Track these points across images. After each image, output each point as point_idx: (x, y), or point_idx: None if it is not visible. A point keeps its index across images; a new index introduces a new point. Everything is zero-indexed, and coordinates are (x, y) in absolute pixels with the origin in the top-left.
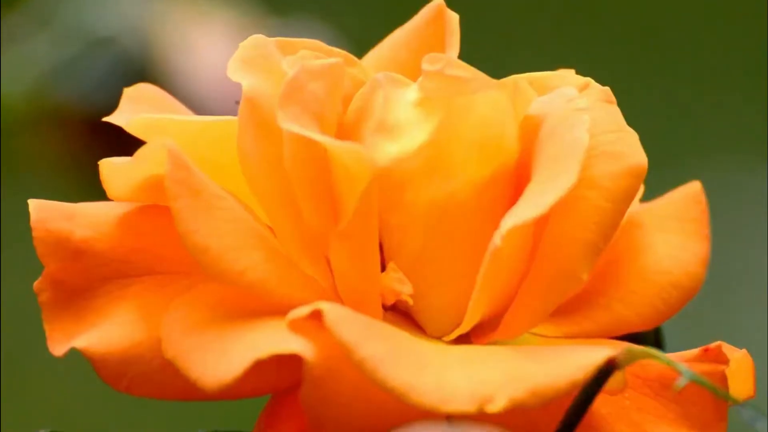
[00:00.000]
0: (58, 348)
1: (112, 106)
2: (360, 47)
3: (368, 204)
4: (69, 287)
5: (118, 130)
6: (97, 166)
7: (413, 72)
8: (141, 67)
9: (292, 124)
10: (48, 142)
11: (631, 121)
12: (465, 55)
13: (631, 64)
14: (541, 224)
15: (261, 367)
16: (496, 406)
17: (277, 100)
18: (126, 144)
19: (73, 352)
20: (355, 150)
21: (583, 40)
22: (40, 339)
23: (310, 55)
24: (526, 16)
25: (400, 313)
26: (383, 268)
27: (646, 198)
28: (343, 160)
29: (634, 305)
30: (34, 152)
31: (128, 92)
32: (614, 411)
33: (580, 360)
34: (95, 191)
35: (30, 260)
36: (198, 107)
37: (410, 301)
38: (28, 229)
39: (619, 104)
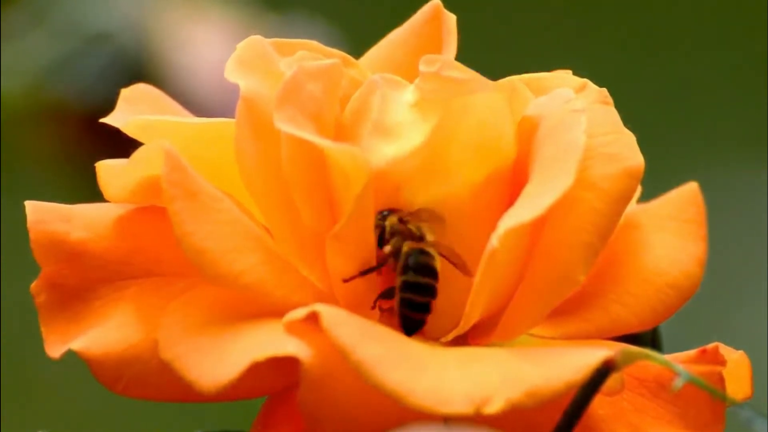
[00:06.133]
0: (54, 350)
1: (109, 102)
2: (359, 44)
3: (364, 205)
4: (66, 289)
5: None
6: (94, 161)
7: (410, 72)
8: (138, 63)
9: (289, 126)
10: (46, 137)
11: (627, 123)
12: (462, 56)
13: (627, 65)
14: (538, 226)
15: (258, 368)
16: (493, 407)
17: (275, 101)
18: (123, 139)
19: (72, 354)
20: (352, 151)
21: (580, 41)
22: (39, 339)
23: (308, 55)
24: (523, 16)
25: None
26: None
27: (643, 199)
28: (340, 161)
29: (632, 306)
30: (32, 147)
31: (125, 93)
32: (612, 412)
33: (577, 361)
34: (93, 186)
35: (30, 259)
36: (195, 103)
37: None
38: (26, 227)
39: (616, 105)
